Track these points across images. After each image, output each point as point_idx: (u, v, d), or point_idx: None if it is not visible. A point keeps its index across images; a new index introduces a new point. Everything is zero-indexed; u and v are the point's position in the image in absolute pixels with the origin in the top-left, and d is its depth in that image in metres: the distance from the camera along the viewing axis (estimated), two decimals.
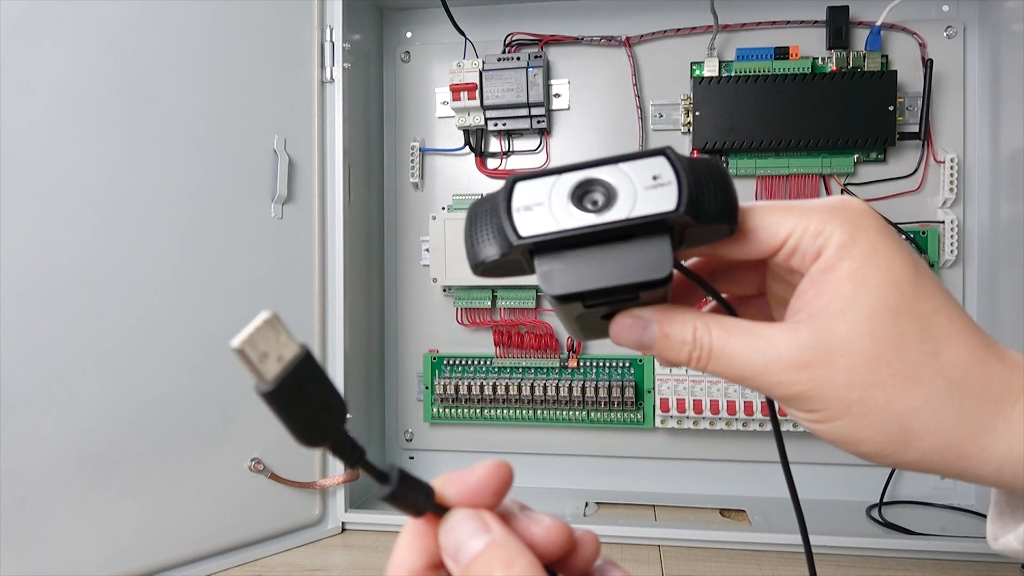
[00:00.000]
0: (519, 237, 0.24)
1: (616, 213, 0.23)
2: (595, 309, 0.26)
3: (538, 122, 0.80)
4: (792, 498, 0.32)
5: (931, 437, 0.24)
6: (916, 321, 0.24)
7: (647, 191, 0.23)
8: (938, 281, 0.25)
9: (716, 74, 0.77)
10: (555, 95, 0.82)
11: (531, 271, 0.25)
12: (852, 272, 0.24)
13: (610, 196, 0.23)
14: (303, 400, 0.23)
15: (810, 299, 0.25)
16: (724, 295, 0.29)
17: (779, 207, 0.26)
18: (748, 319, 0.26)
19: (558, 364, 0.81)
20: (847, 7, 0.76)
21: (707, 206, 0.24)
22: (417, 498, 0.23)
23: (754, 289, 0.31)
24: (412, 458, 0.87)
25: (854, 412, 0.24)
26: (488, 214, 0.25)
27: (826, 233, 0.24)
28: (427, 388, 0.84)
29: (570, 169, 0.24)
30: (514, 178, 0.24)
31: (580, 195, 0.24)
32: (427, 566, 0.22)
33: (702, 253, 0.28)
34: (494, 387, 0.81)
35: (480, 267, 0.26)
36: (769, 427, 0.75)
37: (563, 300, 0.25)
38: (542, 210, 0.24)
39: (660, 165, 0.23)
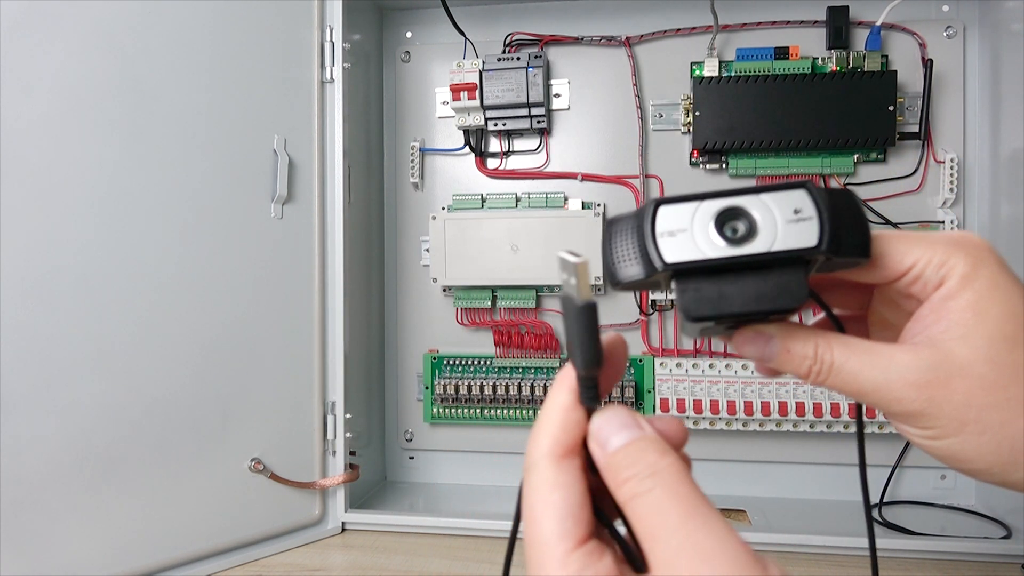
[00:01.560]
0: (664, 264, 0.24)
1: (758, 245, 0.24)
2: (724, 323, 0.27)
3: (538, 122, 0.80)
4: (865, 506, 0.33)
5: None
6: None
7: (788, 224, 0.24)
8: None
9: (716, 74, 0.77)
10: (555, 95, 0.82)
11: (667, 289, 0.27)
12: (973, 302, 0.26)
13: (752, 227, 0.24)
14: (595, 330, 0.23)
15: (929, 324, 0.26)
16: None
17: (907, 237, 0.27)
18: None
19: (558, 364, 0.81)
20: (847, 7, 0.76)
21: (845, 242, 0.25)
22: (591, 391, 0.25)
23: (857, 309, 0.32)
24: (412, 458, 0.87)
25: (969, 431, 0.25)
26: (631, 234, 0.26)
27: (950, 264, 0.26)
28: (427, 388, 0.84)
29: (712, 196, 0.25)
30: (657, 201, 0.25)
31: (722, 223, 0.25)
32: (570, 443, 0.24)
33: (829, 278, 0.29)
34: (494, 387, 0.81)
35: (620, 285, 0.26)
36: (769, 427, 0.75)
37: (699, 321, 0.26)
38: (685, 236, 0.25)
39: (801, 199, 0.24)
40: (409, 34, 0.87)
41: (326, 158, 0.73)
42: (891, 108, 0.73)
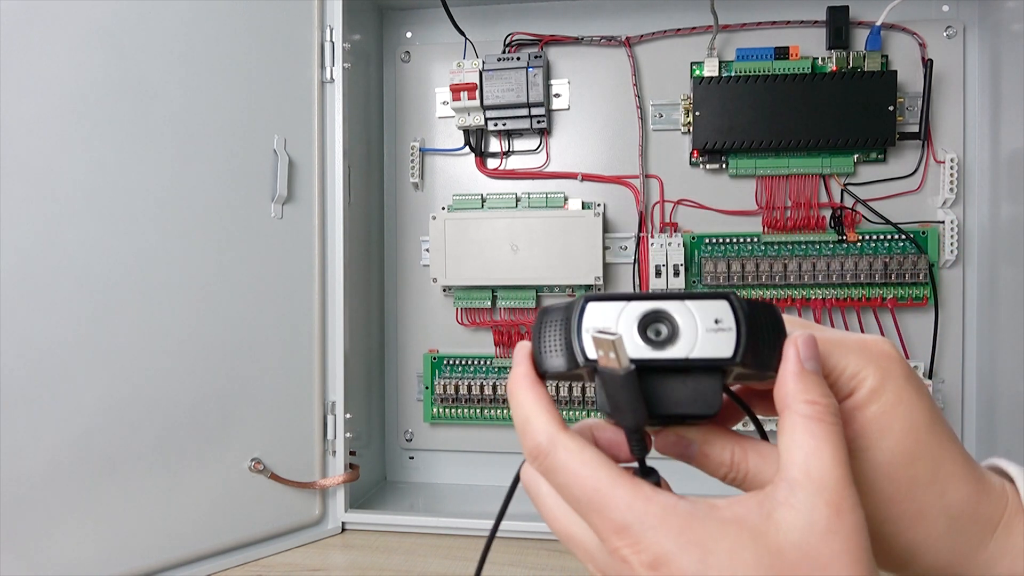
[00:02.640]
0: (586, 359, 0.25)
1: (677, 351, 0.25)
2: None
3: (538, 122, 0.80)
4: None
5: (930, 563, 0.28)
6: (928, 464, 0.27)
7: (708, 333, 0.25)
8: (949, 426, 0.28)
9: (716, 74, 0.77)
10: (555, 95, 0.82)
11: (591, 382, 0.27)
12: (878, 416, 0.27)
13: (674, 331, 0.25)
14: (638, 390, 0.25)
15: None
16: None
17: (821, 343, 0.28)
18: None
19: None
20: (847, 7, 0.76)
21: (761, 356, 0.25)
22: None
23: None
24: (412, 458, 0.87)
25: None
26: (559, 326, 0.27)
27: (860, 377, 0.27)
28: (427, 388, 0.84)
29: (639, 298, 0.26)
30: (586, 298, 0.26)
31: (645, 324, 0.26)
32: (536, 376, 0.28)
33: (745, 384, 0.31)
34: (494, 387, 0.81)
35: (545, 375, 0.28)
36: (769, 428, 0.75)
37: (611, 418, 0.27)
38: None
39: (723, 310, 0.25)
40: (409, 34, 0.87)
41: (326, 158, 0.73)
42: (891, 108, 0.73)
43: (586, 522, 0.25)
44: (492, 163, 0.84)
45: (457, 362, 0.83)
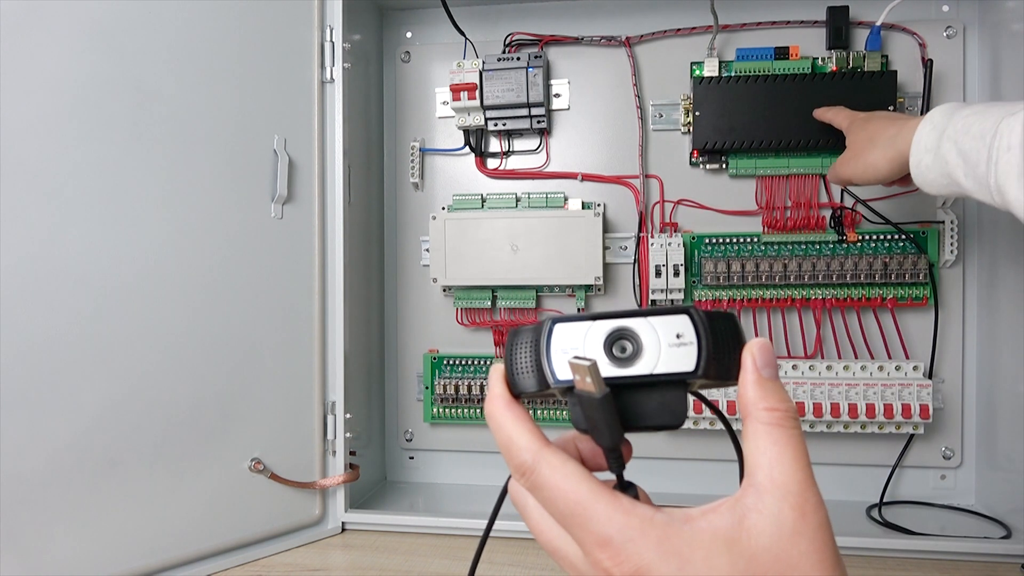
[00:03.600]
0: (556, 380, 0.27)
1: (642, 367, 0.27)
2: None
3: (538, 122, 0.80)
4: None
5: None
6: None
7: (670, 348, 0.26)
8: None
9: (716, 74, 0.77)
10: (555, 95, 0.82)
11: (564, 401, 0.28)
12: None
13: (637, 348, 0.27)
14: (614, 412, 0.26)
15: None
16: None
17: None
18: None
19: None
20: (847, 7, 0.76)
21: (721, 367, 0.27)
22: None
23: None
24: (412, 458, 0.87)
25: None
26: (529, 348, 0.28)
27: None
28: (427, 388, 0.84)
29: (604, 317, 0.27)
30: (553, 320, 0.27)
31: (611, 342, 0.27)
32: (510, 397, 0.29)
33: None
34: None
35: (520, 395, 0.29)
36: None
37: (585, 432, 0.28)
38: (576, 355, 0.27)
39: (683, 324, 0.27)
40: (409, 34, 0.87)
41: (326, 158, 0.73)
42: (891, 108, 0.73)
43: (570, 535, 0.26)
44: (492, 163, 0.84)
45: (457, 362, 0.83)
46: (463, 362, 0.83)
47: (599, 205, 0.79)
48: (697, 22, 0.79)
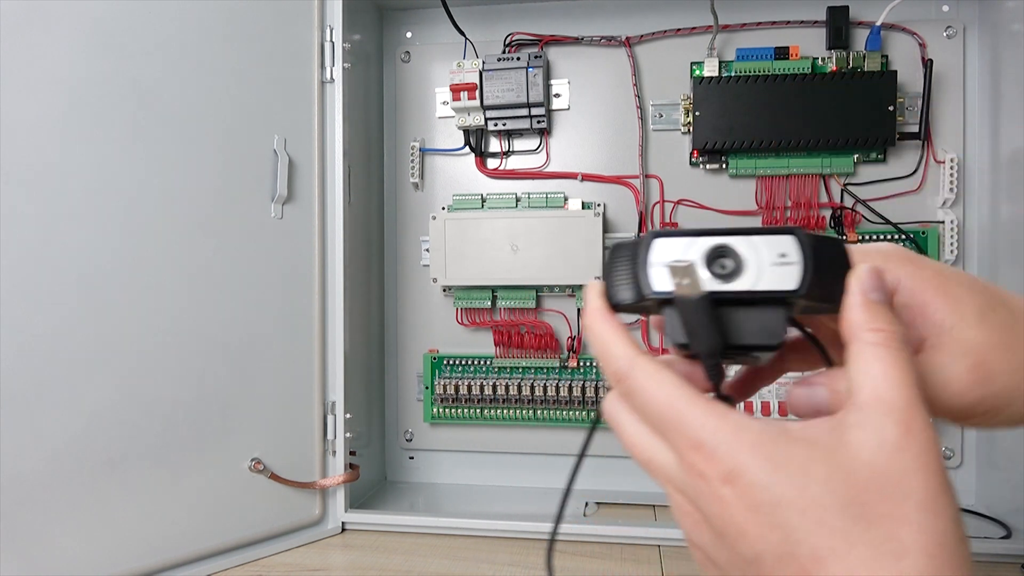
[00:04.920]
0: (652, 291, 0.26)
1: (742, 283, 0.26)
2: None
3: (538, 122, 0.80)
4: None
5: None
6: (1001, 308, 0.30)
7: (773, 267, 0.26)
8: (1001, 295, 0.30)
9: (716, 74, 0.77)
10: (555, 95, 0.82)
11: (657, 314, 0.28)
12: (942, 293, 0.28)
13: (739, 265, 0.26)
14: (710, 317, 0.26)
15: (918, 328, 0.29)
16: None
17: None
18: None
19: (558, 364, 0.81)
20: (847, 7, 0.76)
21: (824, 288, 0.26)
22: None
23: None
24: (412, 458, 0.87)
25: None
26: (628, 261, 0.28)
27: (891, 278, 0.28)
28: (427, 388, 0.84)
29: (706, 233, 0.27)
30: (654, 234, 0.27)
31: (712, 259, 0.26)
32: (608, 308, 0.28)
33: (807, 318, 0.32)
34: (494, 387, 0.81)
35: (616, 308, 0.29)
36: None
37: (680, 348, 0.27)
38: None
39: (788, 244, 0.26)
40: (409, 34, 0.87)
41: (326, 158, 0.73)
42: (891, 108, 0.73)
43: (663, 442, 0.26)
44: (492, 163, 0.84)
45: (457, 362, 0.83)
46: (463, 362, 0.83)
47: (599, 205, 0.79)
48: (697, 22, 0.79)
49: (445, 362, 0.84)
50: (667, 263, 0.26)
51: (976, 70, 0.77)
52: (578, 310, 0.81)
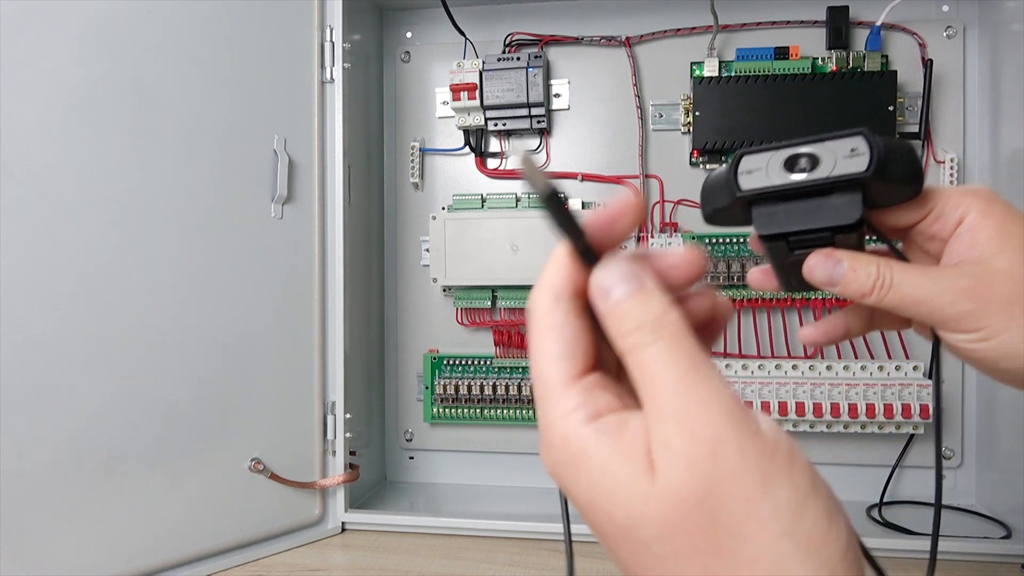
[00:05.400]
0: (740, 190, 0.31)
1: (818, 174, 0.30)
2: (799, 254, 0.32)
3: (538, 122, 0.80)
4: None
5: None
6: None
7: (845, 159, 0.29)
8: None
9: (716, 74, 0.77)
10: (555, 95, 0.82)
11: (752, 222, 0.32)
12: (997, 227, 0.31)
13: (815, 163, 0.30)
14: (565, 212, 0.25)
15: (962, 252, 0.32)
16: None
17: (926, 186, 0.32)
18: None
19: None
20: (847, 7, 0.76)
21: (892, 170, 0.29)
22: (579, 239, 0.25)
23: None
24: (412, 458, 0.87)
25: (1017, 325, 0.30)
26: (720, 177, 0.32)
27: (965, 204, 0.32)
28: (427, 388, 0.84)
29: (786, 146, 0.31)
30: (741, 152, 0.31)
31: (791, 163, 0.30)
32: (561, 287, 0.25)
33: (887, 219, 0.34)
34: (494, 387, 0.81)
35: (711, 215, 0.33)
36: None
37: (770, 240, 0.32)
38: (760, 174, 0.31)
39: (858, 141, 0.29)
40: (409, 34, 0.87)
41: (326, 158, 0.73)
42: (891, 108, 0.73)
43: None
44: (492, 163, 0.84)
45: (457, 362, 0.83)
46: (463, 362, 0.83)
47: (599, 205, 0.79)
48: (697, 22, 0.79)
49: (445, 362, 0.84)
50: (752, 169, 0.30)
51: (976, 70, 0.77)
52: None
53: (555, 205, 0.23)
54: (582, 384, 0.23)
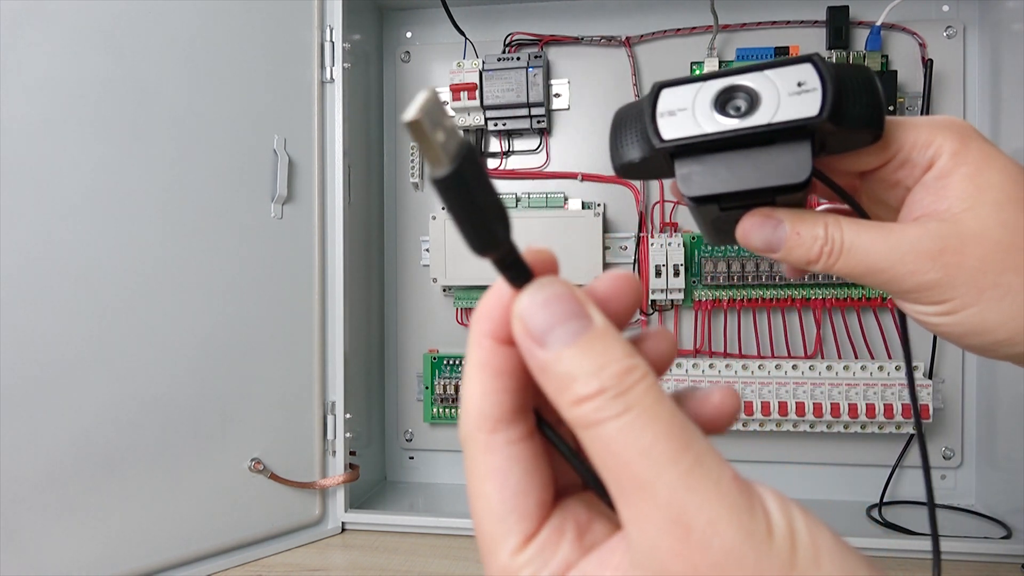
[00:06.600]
0: (661, 140, 0.24)
1: (758, 119, 0.23)
2: (731, 213, 0.27)
3: (538, 122, 0.80)
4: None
5: (1019, 348, 0.25)
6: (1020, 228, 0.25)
7: (791, 97, 0.23)
8: None
9: None
10: (555, 95, 0.82)
11: (672, 174, 0.26)
12: (970, 174, 0.25)
13: (753, 102, 0.24)
14: (474, 197, 0.18)
15: (928, 204, 0.26)
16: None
17: (888, 121, 0.26)
18: None
19: None
20: (847, 7, 0.76)
21: (850, 112, 0.24)
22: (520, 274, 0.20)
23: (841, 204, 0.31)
24: (412, 458, 0.87)
25: (988, 297, 0.25)
26: (633, 119, 0.26)
27: (936, 144, 0.26)
28: (427, 388, 0.84)
29: (715, 76, 0.24)
30: (660, 84, 0.25)
31: (724, 101, 0.24)
32: (496, 412, 0.19)
33: (840, 163, 0.28)
34: None
35: (622, 168, 0.27)
36: (769, 428, 0.74)
37: (700, 202, 0.25)
38: (685, 115, 0.24)
39: (806, 72, 0.23)
40: (409, 34, 0.87)
41: (326, 158, 0.73)
42: (891, 108, 0.73)
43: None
44: (492, 163, 0.84)
45: (457, 362, 0.83)
46: (463, 362, 0.83)
47: (599, 205, 0.79)
48: (697, 22, 0.79)
49: (445, 362, 0.84)
50: (676, 119, 0.24)
51: (976, 70, 0.77)
52: None
53: (465, 173, 0.17)
54: (537, 544, 0.18)
